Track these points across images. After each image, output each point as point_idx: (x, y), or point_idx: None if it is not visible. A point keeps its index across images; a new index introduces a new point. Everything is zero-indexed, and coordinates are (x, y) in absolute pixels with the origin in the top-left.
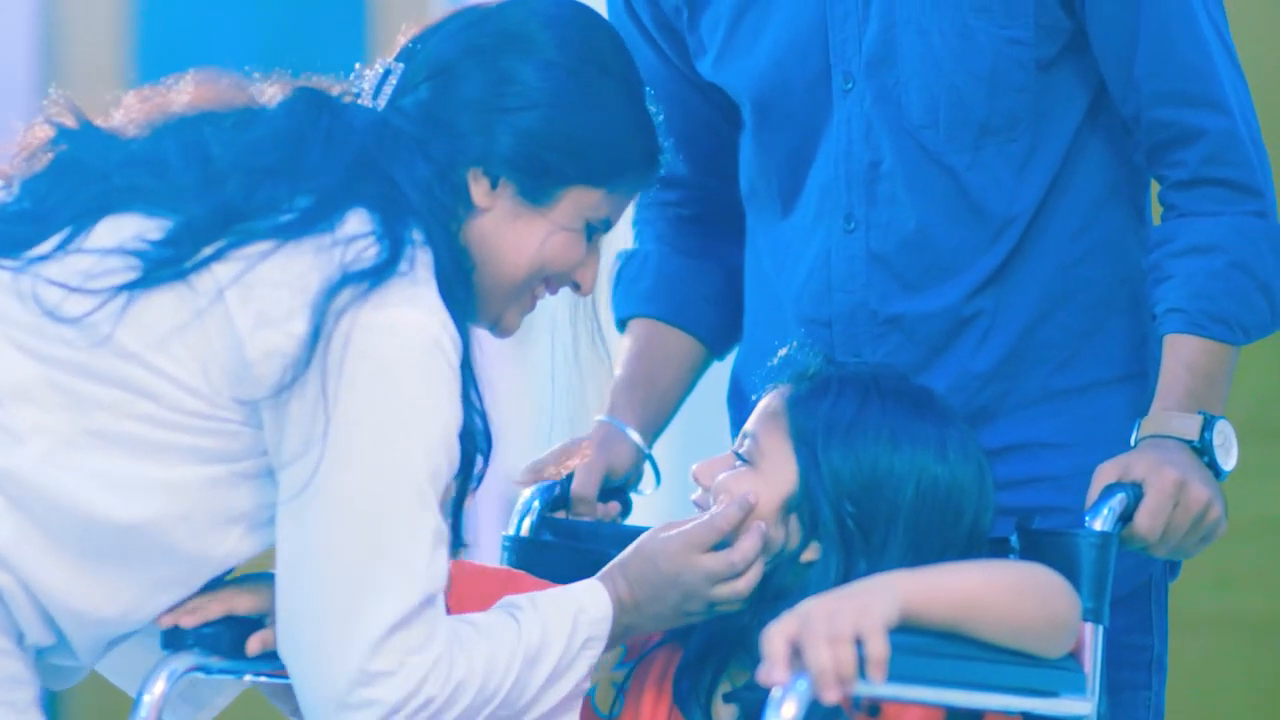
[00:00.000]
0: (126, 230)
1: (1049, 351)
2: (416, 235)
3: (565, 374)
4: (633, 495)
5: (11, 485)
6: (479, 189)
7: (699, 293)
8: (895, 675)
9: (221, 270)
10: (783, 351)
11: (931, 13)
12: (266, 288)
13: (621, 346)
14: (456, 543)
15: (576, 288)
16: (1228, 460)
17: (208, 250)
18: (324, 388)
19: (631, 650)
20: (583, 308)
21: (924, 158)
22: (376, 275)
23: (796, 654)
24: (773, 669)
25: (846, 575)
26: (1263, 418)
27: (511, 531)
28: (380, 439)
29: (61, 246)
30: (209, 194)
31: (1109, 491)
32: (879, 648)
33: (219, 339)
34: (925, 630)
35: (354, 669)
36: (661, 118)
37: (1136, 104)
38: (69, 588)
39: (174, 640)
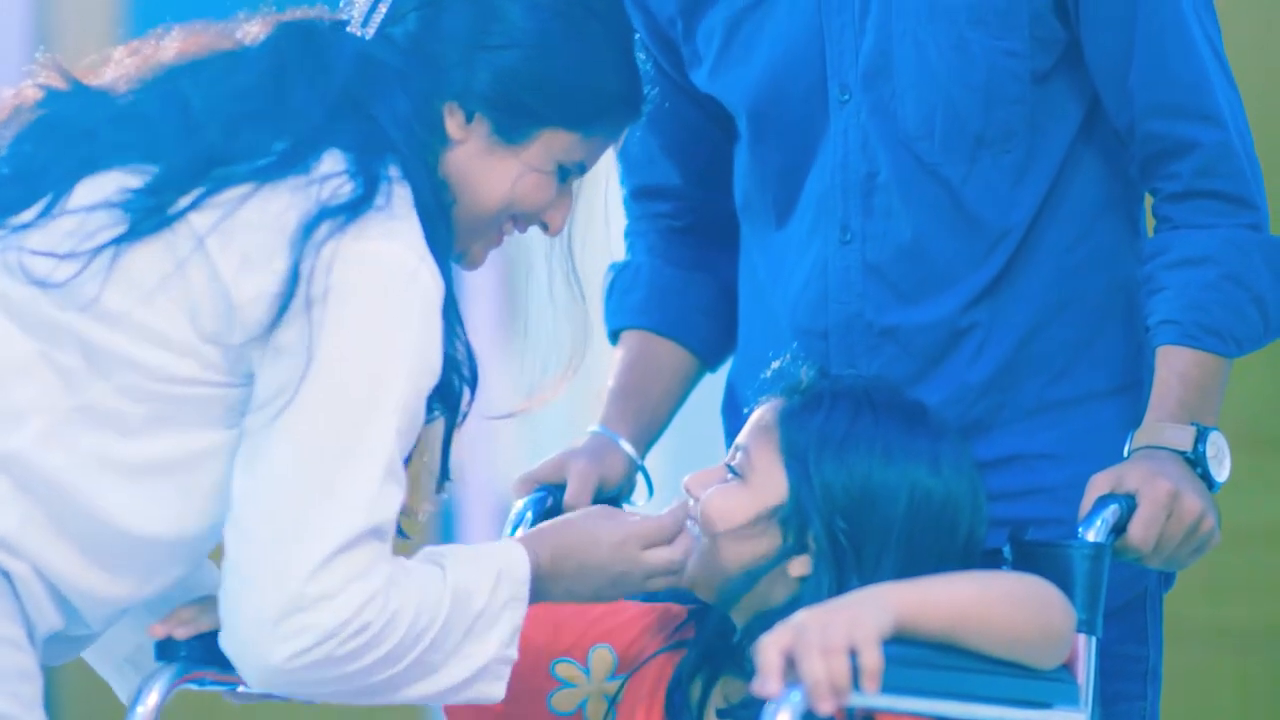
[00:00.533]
0: (108, 186)
1: (1044, 363)
2: (393, 171)
3: (540, 313)
4: (625, 506)
5: (18, 469)
6: (453, 122)
7: (691, 304)
8: (889, 686)
9: (200, 219)
10: (776, 364)
11: (927, 25)
12: (246, 231)
13: (614, 358)
14: (444, 477)
15: (545, 228)
16: (1221, 472)
17: (188, 199)
18: (309, 320)
19: (624, 663)
20: (558, 246)
21: (920, 169)
22: (353, 209)
23: (791, 665)
24: (767, 680)
25: (839, 590)
26: (1255, 428)
27: None
28: (354, 368)
29: (45, 212)
30: (189, 142)
31: (1102, 503)
32: (873, 659)
33: (204, 288)
34: (919, 641)
35: (293, 592)
36: (649, 66)
37: (1130, 116)
38: (79, 570)
39: (167, 651)
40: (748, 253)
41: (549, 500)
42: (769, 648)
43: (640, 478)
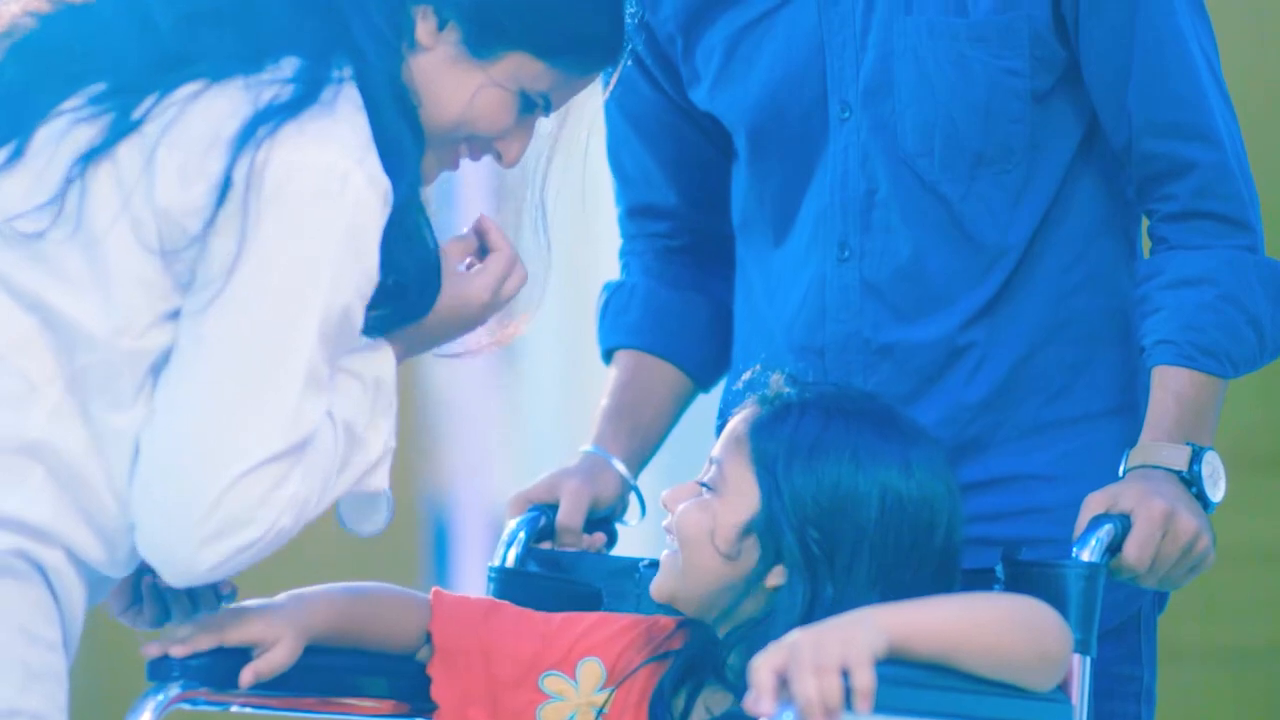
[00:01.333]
0: (74, 102)
1: (1041, 383)
2: (344, 72)
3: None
4: (618, 526)
5: (48, 455)
6: (425, 27)
7: (685, 325)
8: (881, 706)
9: (153, 126)
10: (747, 375)
11: (928, 43)
12: (190, 137)
13: (608, 377)
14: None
15: (499, 158)
16: (1215, 492)
17: (148, 101)
18: (237, 227)
19: (613, 675)
20: (531, 197)
21: (919, 187)
22: (288, 111)
23: (783, 684)
24: (760, 699)
25: (813, 600)
26: (1248, 448)
27: (497, 562)
28: (276, 278)
29: (16, 153)
30: (145, 44)
31: (1096, 522)
32: (865, 679)
33: (153, 195)
34: (912, 662)
35: (215, 509)
36: (634, 9)
37: (1128, 134)
38: (97, 550)
39: (161, 670)
40: (744, 270)
41: (542, 520)
42: (761, 667)
43: (633, 497)
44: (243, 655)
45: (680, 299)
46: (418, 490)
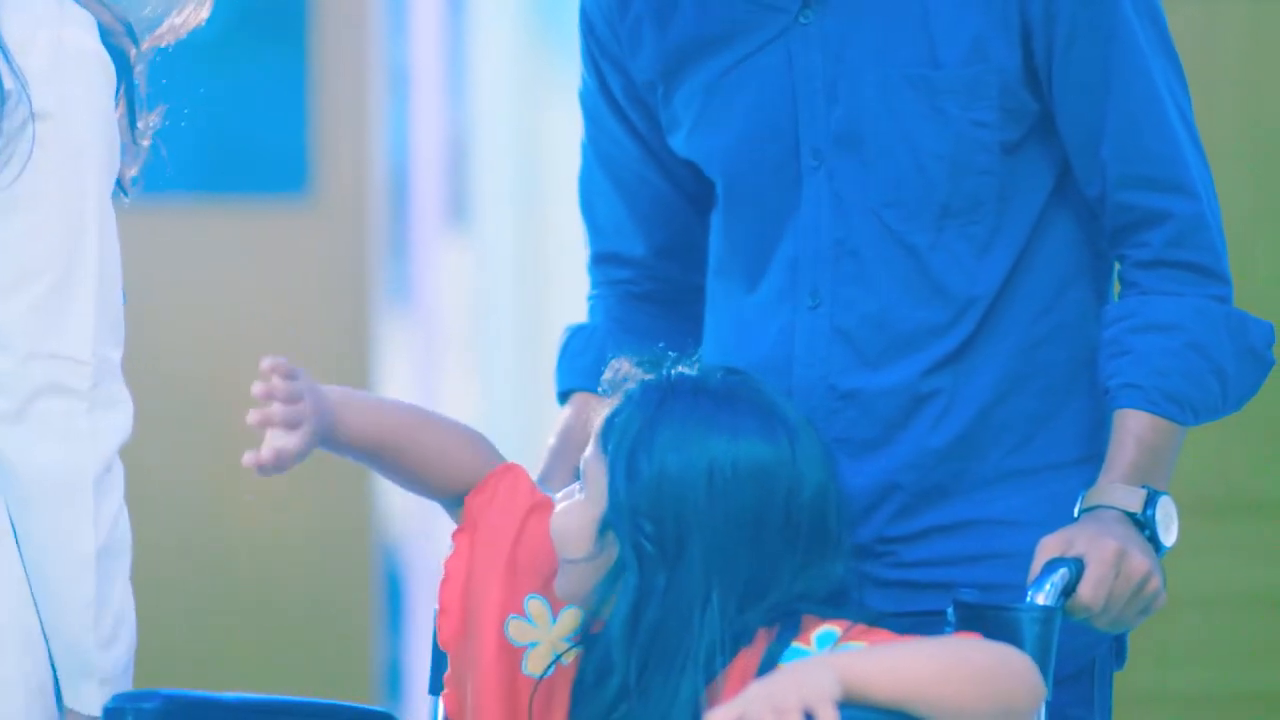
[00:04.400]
0: None
1: (1006, 432)
2: None
3: None
4: None
5: None
6: None
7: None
8: None
9: None
10: (615, 364)
11: (896, 94)
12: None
13: (559, 417)
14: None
15: None
16: (1168, 536)
17: None
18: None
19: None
20: None
21: (887, 237)
22: None
23: None
24: None
25: (647, 588)
26: (1202, 494)
27: None
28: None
29: None
30: None
31: (1051, 566)
32: (829, 715)
33: None
34: (873, 708)
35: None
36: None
37: (1102, 187)
38: None
39: (115, 717)
40: (717, 314)
41: None
42: None
43: None
44: (198, 704)
45: (634, 343)
46: (372, 525)
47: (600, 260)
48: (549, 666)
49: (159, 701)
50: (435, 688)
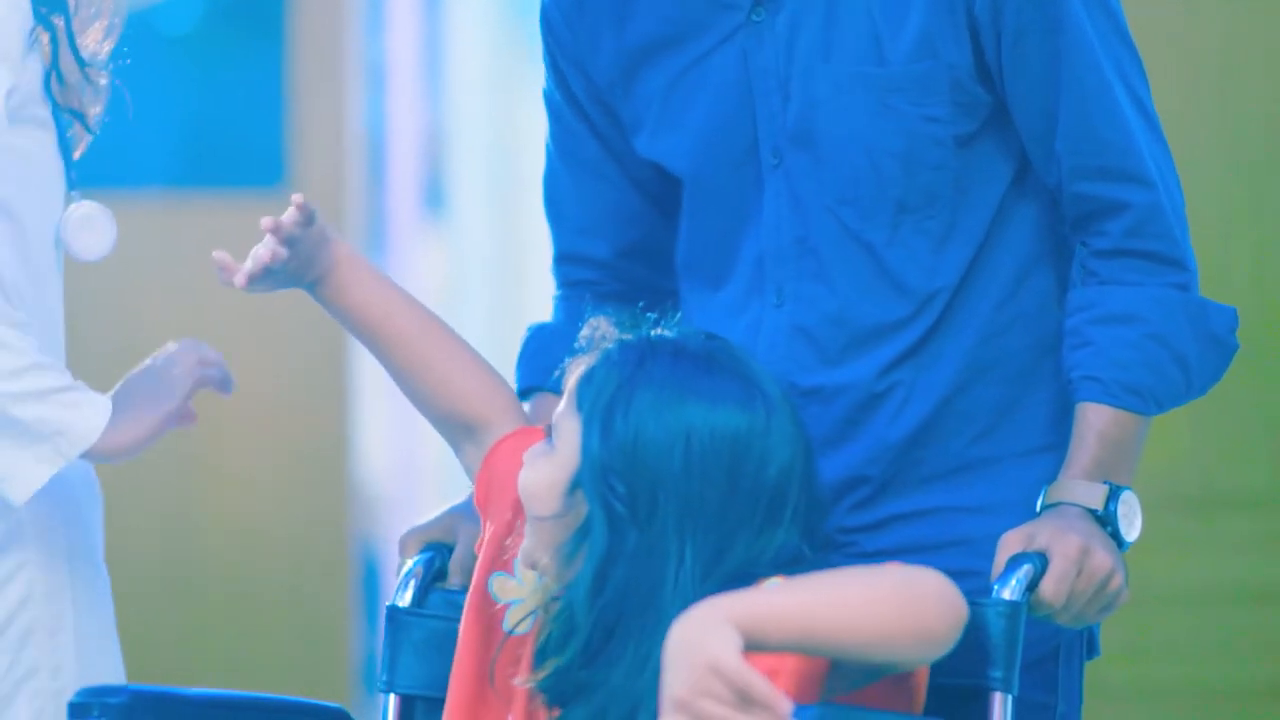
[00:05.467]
0: None
1: (967, 422)
2: None
3: None
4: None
5: None
6: None
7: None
8: None
9: None
10: (593, 321)
11: (848, 92)
12: None
13: None
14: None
15: None
16: (1130, 532)
17: None
18: None
19: None
20: None
21: (844, 234)
22: None
23: None
24: None
25: (615, 549)
26: (1175, 489)
27: (395, 602)
28: None
29: None
30: None
31: (1016, 561)
32: (760, 687)
33: None
34: (834, 705)
35: None
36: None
37: (1058, 178)
38: None
39: (80, 713)
40: (686, 313)
41: (436, 562)
42: None
43: None
44: (161, 697)
45: None
46: (349, 518)
47: (564, 260)
48: (517, 624)
49: (125, 696)
50: (385, 686)
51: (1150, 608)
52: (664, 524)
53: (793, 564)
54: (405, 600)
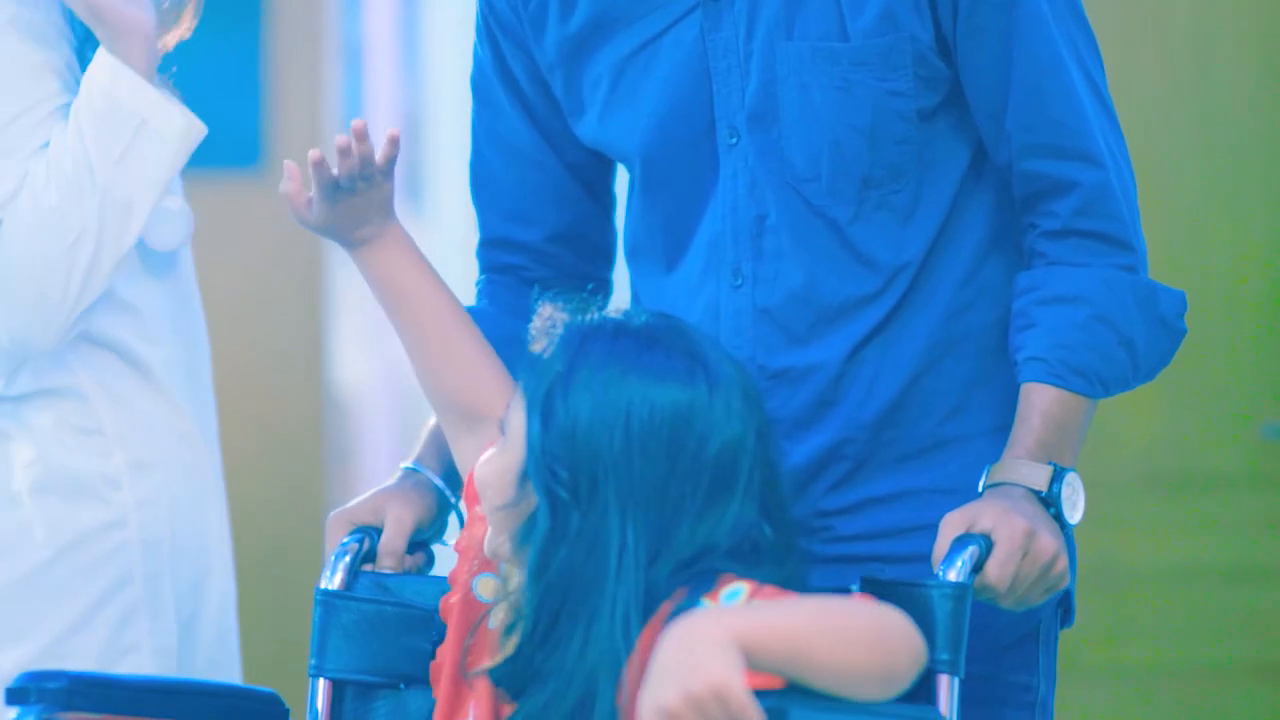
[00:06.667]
0: None
1: (937, 400)
2: None
3: None
4: (436, 547)
5: None
6: None
7: (523, 355)
8: None
9: None
10: (543, 309)
11: (810, 67)
12: None
13: None
14: None
15: None
16: (1074, 514)
17: None
18: None
19: None
20: None
21: (808, 211)
22: None
23: None
24: None
25: (558, 534)
26: (1153, 469)
27: (324, 584)
28: None
29: None
30: None
31: (961, 542)
32: (742, 700)
33: None
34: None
35: None
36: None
37: (1009, 156)
38: None
39: (19, 697)
40: (636, 297)
41: (366, 543)
42: None
43: (453, 518)
44: (102, 682)
45: (522, 330)
46: (325, 503)
47: (490, 245)
48: (484, 616)
49: (64, 681)
50: (315, 670)
51: (1128, 588)
52: (605, 505)
53: (754, 552)
54: (334, 583)
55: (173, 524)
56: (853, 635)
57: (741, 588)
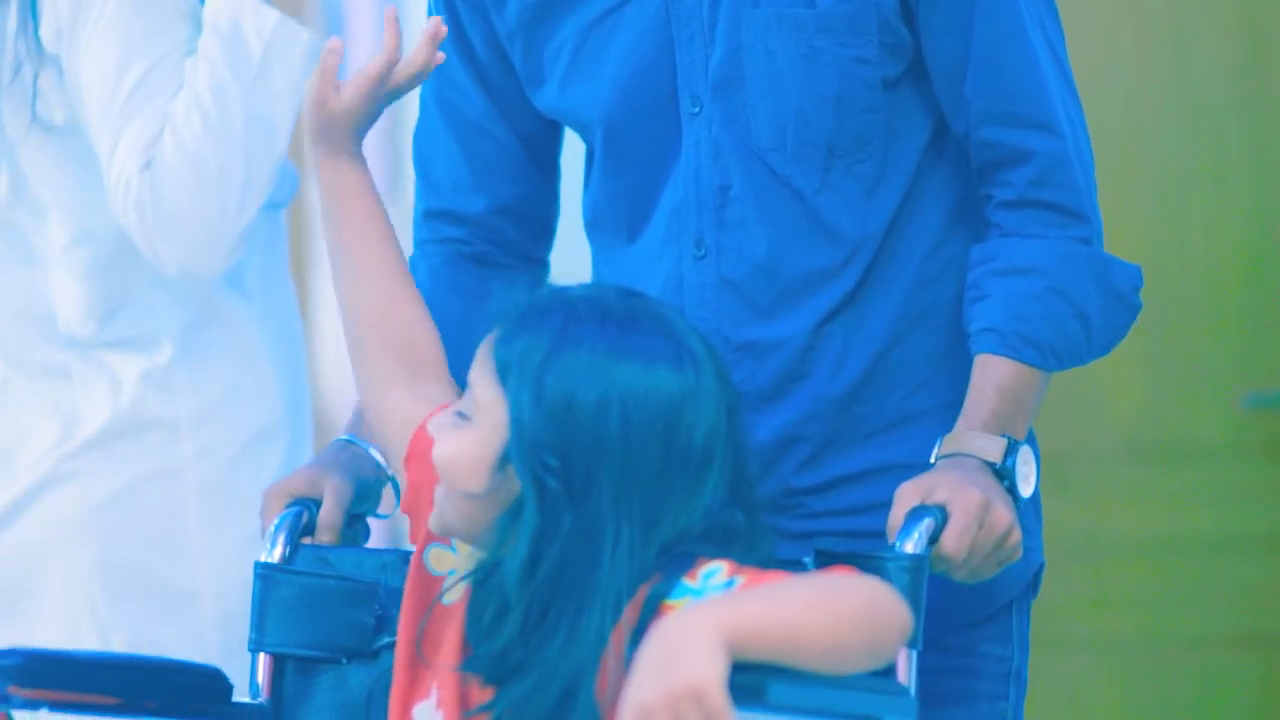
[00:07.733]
0: None
1: (905, 374)
2: None
3: None
4: (371, 520)
5: None
6: None
7: (462, 331)
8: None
9: None
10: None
11: (776, 35)
12: None
13: None
14: None
15: None
16: (1026, 487)
17: None
18: None
19: None
20: None
21: (773, 181)
22: None
23: None
24: None
25: (549, 527)
26: (1133, 441)
27: (263, 558)
28: None
29: None
30: None
31: (917, 514)
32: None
33: None
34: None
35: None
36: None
37: (966, 122)
38: None
39: None
40: (596, 269)
41: (304, 516)
42: None
43: (389, 490)
44: (58, 660)
45: (461, 305)
46: None
47: (431, 216)
48: (442, 592)
49: (19, 658)
50: (254, 645)
51: (1109, 559)
52: (600, 499)
53: (726, 535)
54: (274, 556)
55: (234, 475)
56: (844, 616)
57: (719, 565)
